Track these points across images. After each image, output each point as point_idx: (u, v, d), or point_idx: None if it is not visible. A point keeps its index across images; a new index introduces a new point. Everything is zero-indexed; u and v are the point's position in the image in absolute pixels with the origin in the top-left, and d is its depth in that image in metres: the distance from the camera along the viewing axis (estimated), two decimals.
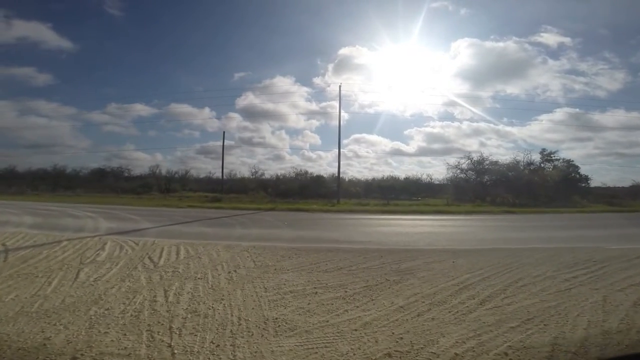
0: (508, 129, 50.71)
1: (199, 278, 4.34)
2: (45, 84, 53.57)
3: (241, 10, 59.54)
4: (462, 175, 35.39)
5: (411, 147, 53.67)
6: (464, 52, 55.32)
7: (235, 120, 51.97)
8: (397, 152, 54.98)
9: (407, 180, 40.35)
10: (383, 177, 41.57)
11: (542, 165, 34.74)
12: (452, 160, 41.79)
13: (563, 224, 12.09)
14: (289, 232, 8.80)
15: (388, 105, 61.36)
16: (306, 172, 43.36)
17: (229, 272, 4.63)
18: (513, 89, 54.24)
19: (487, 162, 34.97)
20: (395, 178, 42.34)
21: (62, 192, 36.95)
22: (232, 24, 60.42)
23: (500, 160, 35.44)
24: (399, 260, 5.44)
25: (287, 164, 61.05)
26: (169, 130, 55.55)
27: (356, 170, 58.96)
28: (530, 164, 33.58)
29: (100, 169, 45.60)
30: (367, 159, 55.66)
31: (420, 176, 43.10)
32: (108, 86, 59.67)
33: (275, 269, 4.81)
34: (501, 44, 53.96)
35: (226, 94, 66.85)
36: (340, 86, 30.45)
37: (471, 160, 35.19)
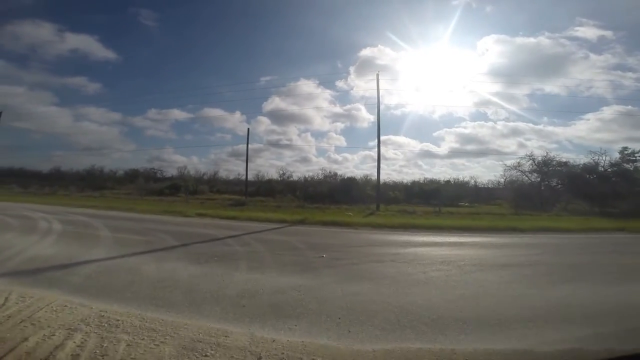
0: (550, 128, 45.04)
1: None
2: (95, 92, 57.15)
3: (262, 16, 58.48)
4: (524, 178, 29.20)
5: (442, 149, 49.09)
6: (492, 49, 50.09)
7: (263, 124, 50.33)
8: (427, 154, 50.24)
9: (454, 183, 34.60)
10: (425, 180, 36.11)
11: (624, 166, 27.79)
12: (510, 161, 35.50)
13: None
14: (332, 285, 4.44)
15: (415, 106, 57.02)
16: (335, 174, 39.32)
17: None
18: (552, 86, 47.40)
19: (554, 162, 28.54)
20: (436, 181, 36.76)
21: (89, 193, 35.64)
22: (255, 29, 59.85)
23: (570, 161, 28.83)
24: None
25: (314, 166, 58.74)
26: (203, 134, 58.18)
27: (384, 173, 54.77)
28: (613, 165, 26.73)
29: (134, 170, 45.45)
30: (395, 161, 51.56)
31: (462, 179, 37.12)
32: (148, 93, 62.56)
33: None
34: (533, 40, 48.22)
35: (254, 98, 66.10)
36: (377, 75, 25.65)
37: (534, 161, 28.94)
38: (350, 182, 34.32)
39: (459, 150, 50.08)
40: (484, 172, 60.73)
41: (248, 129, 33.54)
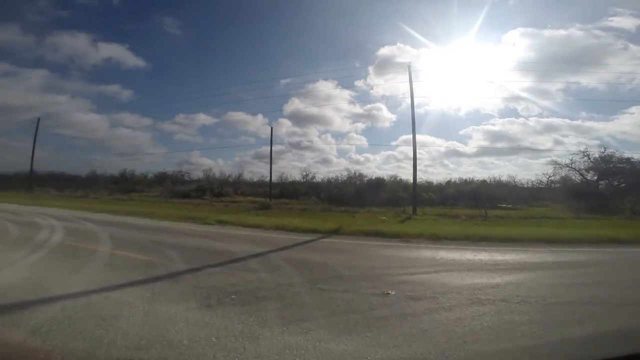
0: (589, 124, 41.17)
1: None
2: (128, 99, 59.58)
3: (279, 18, 58.22)
4: (577, 177, 25.60)
5: (470, 147, 46.26)
6: (519, 43, 47.08)
7: (284, 126, 49.56)
8: (454, 153, 47.51)
9: (492, 183, 31.30)
10: (460, 180, 33.09)
11: None
12: (549, 157, 31.83)
13: None
14: None
15: (439, 104, 53.84)
16: (360, 175, 37.17)
17: None
18: (589, 80, 42.55)
19: (615, 159, 24.73)
20: (472, 181, 33.60)
21: (118, 196, 35.75)
22: (273, 32, 59.99)
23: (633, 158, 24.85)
24: None
25: (335, 167, 57.96)
26: (228, 137, 59.57)
27: (408, 173, 52.08)
28: None
29: (163, 173, 46.12)
30: (419, 160, 48.93)
31: (499, 178, 33.65)
32: (176, 98, 64.76)
33: None
34: (563, 32, 44.83)
35: (275, 98, 66.29)
36: (409, 66, 23.34)
37: (589, 158, 25.28)
38: (378, 183, 31.96)
39: (488, 149, 46.79)
40: (515, 170, 56.55)
41: (271, 128, 32.16)
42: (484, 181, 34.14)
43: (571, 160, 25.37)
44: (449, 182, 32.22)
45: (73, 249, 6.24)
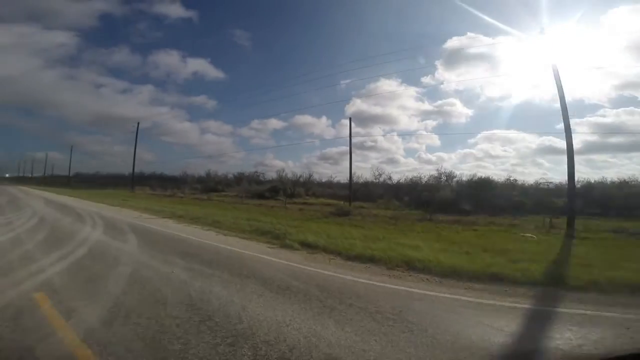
0: None
1: None
2: (213, 108, 65.56)
3: (335, 21, 54.29)
4: None
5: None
6: (627, 22, 33.60)
7: (347, 127, 45.50)
8: (550, 150, 36.80)
9: None
10: (604, 180, 23.67)
11: None
12: None
13: None
14: None
15: (525, 96, 42.50)
16: (450, 175, 30.51)
17: None
18: None
19: None
20: (622, 183, 23.84)
21: (198, 196, 36.25)
22: (332, 35, 56.80)
23: None
24: None
25: (403, 167, 52.40)
26: (296, 140, 64.83)
27: (491, 173, 42.12)
28: None
29: (240, 174, 48.33)
30: (505, 159, 39.48)
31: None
32: (250, 106, 68.58)
33: None
34: None
35: (338, 102, 64.50)
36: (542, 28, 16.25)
37: None
38: (485, 184, 24.83)
39: (598, 145, 35.74)
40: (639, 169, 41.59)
41: (350, 119, 28.14)
42: (623, 182, 24.12)
43: None
44: (589, 184, 23.17)
45: (23, 319, 2.68)
